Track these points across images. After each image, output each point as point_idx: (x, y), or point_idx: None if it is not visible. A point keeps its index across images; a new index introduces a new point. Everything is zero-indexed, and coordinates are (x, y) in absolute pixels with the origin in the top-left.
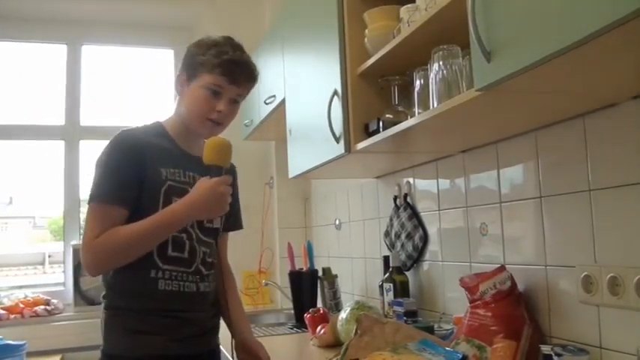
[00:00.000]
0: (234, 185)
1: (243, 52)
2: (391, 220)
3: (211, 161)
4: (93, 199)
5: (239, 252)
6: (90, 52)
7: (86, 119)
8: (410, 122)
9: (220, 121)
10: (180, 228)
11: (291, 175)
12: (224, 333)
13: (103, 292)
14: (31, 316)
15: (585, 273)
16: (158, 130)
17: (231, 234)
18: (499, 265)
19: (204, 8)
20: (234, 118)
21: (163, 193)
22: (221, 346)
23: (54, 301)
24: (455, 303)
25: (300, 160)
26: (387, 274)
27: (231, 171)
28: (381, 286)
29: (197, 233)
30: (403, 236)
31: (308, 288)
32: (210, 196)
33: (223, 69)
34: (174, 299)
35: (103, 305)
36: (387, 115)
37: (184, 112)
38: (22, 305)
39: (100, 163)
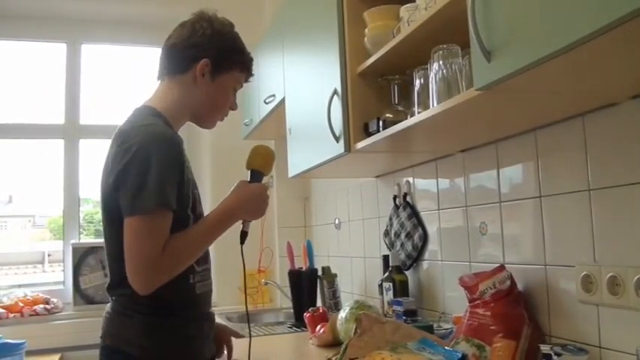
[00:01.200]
0: None
1: None
2: (391, 219)
3: (256, 167)
4: (150, 206)
5: (238, 251)
6: (90, 51)
7: (86, 118)
8: (410, 122)
9: (227, 115)
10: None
11: (290, 174)
12: None
13: (143, 299)
14: (31, 315)
15: (585, 272)
16: (165, 120)
17: (231, 233)
18: (498, 265)
19: (204, 7)
20: None
21: (191, 189)
22: None
23: (53, 300)
24: (454, 302)
25: (299, 159)
26: (387, 274)
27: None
28: (381, 286)
29: None
30: (403, 236)
31: (307, 287)
32: (259, 200)
33: (250, 72)
34: (207, 300)
35: (139, 312)
36: (387, 115)
37: (200, 103)
38: (21, 304)
39: (147, 162)
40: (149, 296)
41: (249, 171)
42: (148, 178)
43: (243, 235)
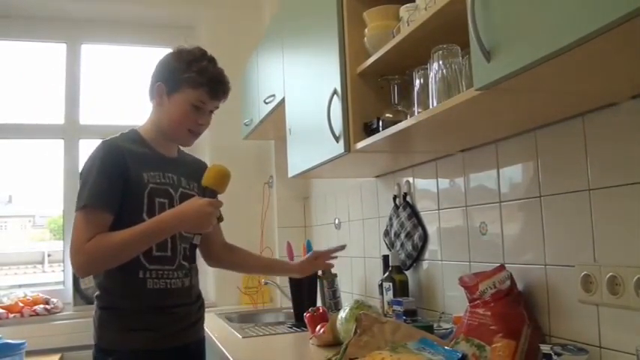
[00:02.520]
0: None
1: (218, 66)
2: (391, 219)
3: (209, 185)
4: (83, 205)
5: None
6: (89, 51)
7: (86, 118)
8: (409, 122)
9: (200, 132)
10: (167, 236)
11: (290, 174)
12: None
13: (97, 293)
14: (31, 315)
15: (585, 272)
16: (135, 137)
17: (231, 232)
18: (498, 265)
19: (204, 8)
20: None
21: (147, 195)
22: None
23: (53, 300)
24: (454, 302)
25: (299, 159)
26: (387, 274)
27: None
28: (381, 286)
29: (181, 232)
30: (403, 235)
31: (307, 287)
32: (198, 213)
33: (208, 87)
34: (162, 296)
35: (96, 304)
36: (387, 115)
37: (164, 122)
38: (21, 304)
39: (87, 172)
40: (103, 290)
41: (203, 188)
42: (86, 181)
43: (193, 248)
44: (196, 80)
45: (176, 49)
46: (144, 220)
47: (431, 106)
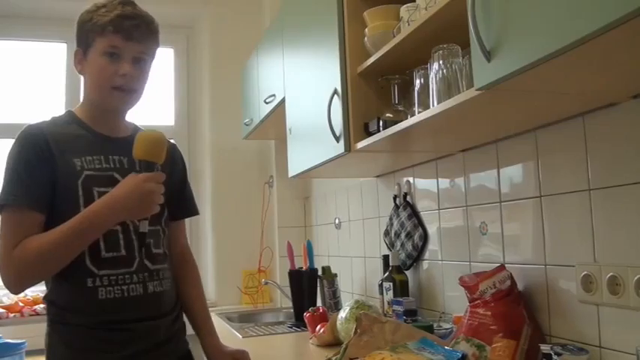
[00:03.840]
0: (177, 170)
1: (135, 6)
2: (391, 219)
3: (141, 156)
4: (3, 205)
5: (238, 251)
6: None
7: None
8: (410, 121)
9: (128, 86)
10: (105, 229)
11: (290, 174)
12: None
13: (45, 306)
14: (31, 315)
15: (585, 272)
16: (68, 118)
17: (231, 232)
18: (499, 265)
19: (204, 7)
20: (146, 81)
21: (81, 185)
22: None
23: None
24: (454, 302)
25: (299, 159)
26: (387, 273)
27: (171, 163)
28: (381, 285)
29: (135, 223)
30: (403, 235)
31: (307, 287)
32: (134, 194)
33: (115, 26)
34: (117, 308)
35: (46, 319)
36: (387, 115)
37: (90, 90)
38: (21, 304)
39: (6, 165)
40: (49, 302)
41: (137, 162)
42: (5, 178)
43: (142, 237)
44: (101, 23)
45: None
46: None
47: (431, 106)
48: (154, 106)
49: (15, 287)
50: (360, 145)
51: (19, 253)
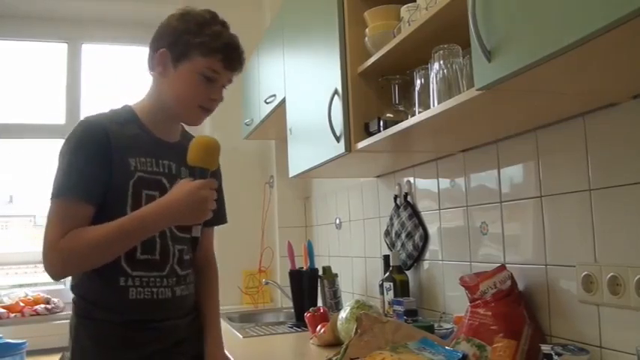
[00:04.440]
0: (216, 176)
1: (232, 32)
2: (391, 219)
3: (196, 162)
4: (55, 194)
5: (239, 251)
6: (90, 51)
7: None
8: (410, 121)
9: (212, 108)
10: (155, 233)
11: (291, 174)
12: None
13: (73, 296)
14: (32, 315)
15: (585, 272)
16: (128, 115)
17: (231, 233)
18: (499, 265)
19: (204, 7)
20: None
21: (132, 186)
22: None
23: (54, 299)
24: (455, 302)
25: (300, 159)
26: (387, 274)
27: (216, 172)
28: (381, 286)
29: (172, 230)
30: (403, 235)
31: (308, 287)
32: (190, 201)
33: (222, 55)
34: (146, 309)
35: (72, 309)
36: (388, 115)
37: (168, 96)
38: (22, 304)
39: (63, 155)
40: (78, 296)
41: (191, 168)
42: (60, 170)
43: (194, 241)
44: (209, 46)
45: (180, 10)
46: (127, 214)
47: (432, 106)
48: None
49: (57, 275)
50: (361, 145)
51: (67, 243)
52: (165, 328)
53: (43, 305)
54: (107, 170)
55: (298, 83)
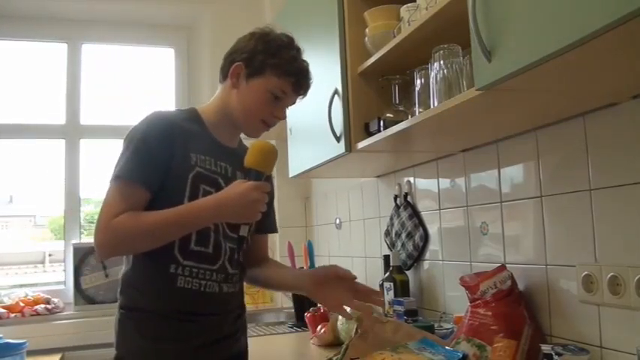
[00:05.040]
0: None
1: (304, 59)
2: (392, 219)
3: (253, 165)
4: (117, 176)
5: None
6: (90, 51)
7: (86, 118)
8: (410, 121)
9: (272, 124)
10: (205, 226)
11: (291, 174)
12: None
13: (119, 288)
14: (32, 315)
15: (586, 272)
16: (192, 115)
17: None
18: (499, 265)
19: (204, 7)
20: None
21: (191, 179)
22: None
23: (54, 299)
24: (455, 302)
25: (300, 159)
26: (388, 274)
27: (269, 179)
28: (382, 286)
29: (224, 228)
30: (404, 235)
31: None
32: (242, 200)
33: (294, 79)
34: (192, 299)
35: (118, 303)
36: (388, 115)
37: (236, 106)
38: (22, 304)
39: (129, 141)
40: (125, 284)
41: (247, 170)
42: (125, 154)
43: (240, 240)
44: (283, 68)
45: (262, 30)
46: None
47: (432, 106)
48: (154, 106)
49: (104, 253)
50: (361, 145)
51: (119, 223)
52: (210, 323)
53: (43, 305)
54: (168, 161)
55: None
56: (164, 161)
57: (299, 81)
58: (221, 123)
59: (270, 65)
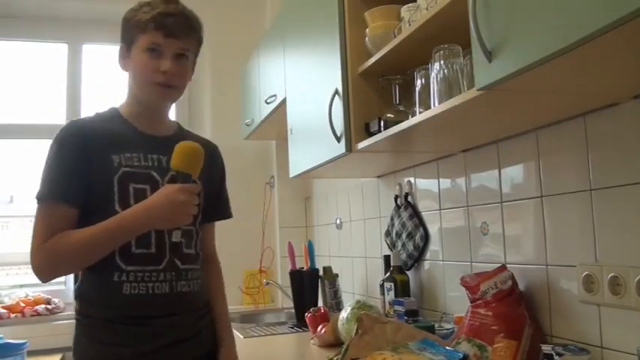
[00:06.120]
0: (216, 171)
1: (178, 4)
2: (392, 219)
3: (179, 167)
4: (38, 199)
5: (240, 251)
6: (91, 51)
7: None
8: (411, 122)
9: (169, 82)
10: (135, 236)
11: (291, 174)
12: None
13: (74, 298)
14: (32, 315)
15: (586, 272)
16: (111, 114)
17: (232, 233)
18: (500, 265)
19: (205, 7)
20: (188, 78)
21: (117, 182)
22: None
23: (55, 300)
24: (456, 302)
25: (300, 159)
26: (388, 274)
27: (209, 165)
28: (382, 286)
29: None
30: (404, 236)
31: (309, 287)
32: (168, 204)
33: (156, 23)
34: (141, 304)
35: (74, 311)
36: (388, 115)
37: (132, 85)
38: (22, 304)
39: (47, 157)
40: (78, 296)
41: (174, 172)
42: (42, 173)
43: (173, 246)
44: (143, 21)
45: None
46: (116, 212)
47: (432, 106)
48: None
49: (44, 277)
50: (361, 145)
51: (51, 246)
52: (162, 325)
53: (43, 305)
54: (86, 170)
55: (299, 83)
56: (83, 172)
57: (164, 25)
58: (137, 111)
59: (133, 26)
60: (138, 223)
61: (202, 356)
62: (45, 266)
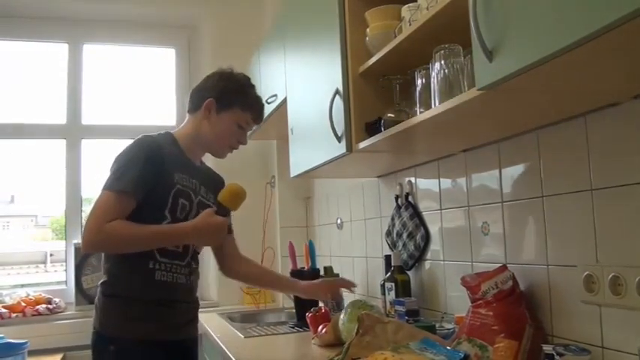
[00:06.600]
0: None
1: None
2: (393, 219)
3: (225, 202)
4: (112, 186)
5: (241, 251)
6: (91, 51)
7: (87, 118)
8: (411, 121)
9: (237, 148)
10: (180, 244)
11: (292, 174)
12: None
13: (103, 279)
14: (33, 315)
15: (587, 272)
16: (170, 139)
17: (234, 233)
18: (501, 265)
19: (205, 7)
20: None
21: (173, 194)
22: None
23: (56, 299)
24: (456, 302)
25: (301, 159)
26: (389, 274)
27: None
28: (383, 286)
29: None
30: (405, 235)
31: None
32: (214, 231)
33: (256, 112)
34: (168, 289)
35: (100, 291)
36: (389, 115)
37: (208, 135)
38: (23, 304)
39: (122, 157)
40: (111, 276)
41: (218, 203)
42: (119, 168)
43: (194, 252)
44: (247, 103)
45: (225, 71)
46: (165, 216)
47: (433, 106)
48: (155, 107)
49: (92, 250)
50: (362, 145)
51: (112, 229)
52: (179, 308)
53: (44, 305)
54: (155, 177)
55: (299, 83)
56: (152, 177)
57: (259, 113)
58: (192, 146)
59: (236, 102)
60: (184, 236)
61: (195, 337)
62: (98, 243)
